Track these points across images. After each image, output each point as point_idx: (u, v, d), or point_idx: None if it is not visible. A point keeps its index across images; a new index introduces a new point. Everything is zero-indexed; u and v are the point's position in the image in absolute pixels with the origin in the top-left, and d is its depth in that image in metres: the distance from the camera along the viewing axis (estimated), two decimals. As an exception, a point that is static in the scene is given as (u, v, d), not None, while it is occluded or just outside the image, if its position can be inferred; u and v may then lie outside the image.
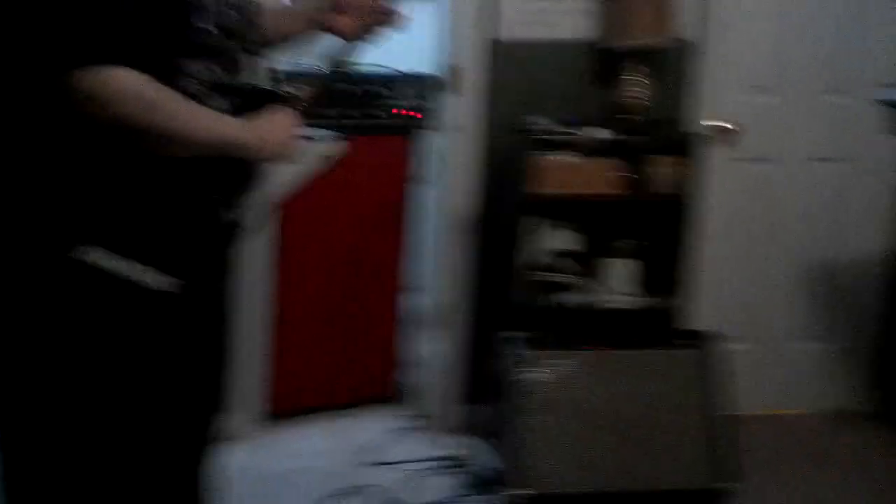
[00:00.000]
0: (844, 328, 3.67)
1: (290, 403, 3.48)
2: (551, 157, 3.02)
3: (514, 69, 3.33)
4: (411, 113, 3.56)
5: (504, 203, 3.31)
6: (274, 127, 1.63)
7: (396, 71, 3.60)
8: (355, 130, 3.48)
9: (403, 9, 1.84)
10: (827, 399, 3.68)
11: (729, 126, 3.45)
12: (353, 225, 3.53)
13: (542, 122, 3.13)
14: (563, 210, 3.11)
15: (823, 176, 3.56)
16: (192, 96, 1.53)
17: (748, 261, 3.58)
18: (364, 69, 3.55)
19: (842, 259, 3.62)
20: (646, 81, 3.19)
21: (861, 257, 3.61)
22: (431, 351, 3.56)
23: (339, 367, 3.56)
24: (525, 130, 3.12)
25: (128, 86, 1.42)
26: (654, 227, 3.14)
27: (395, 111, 3.53)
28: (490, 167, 3.38)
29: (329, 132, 1.76)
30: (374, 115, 3.51)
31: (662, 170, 3.05)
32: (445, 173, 3.49)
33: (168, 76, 1.49)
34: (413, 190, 3.63)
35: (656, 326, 3.00)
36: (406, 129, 3.59)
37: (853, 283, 3.64)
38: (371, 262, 3.57)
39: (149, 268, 1.53)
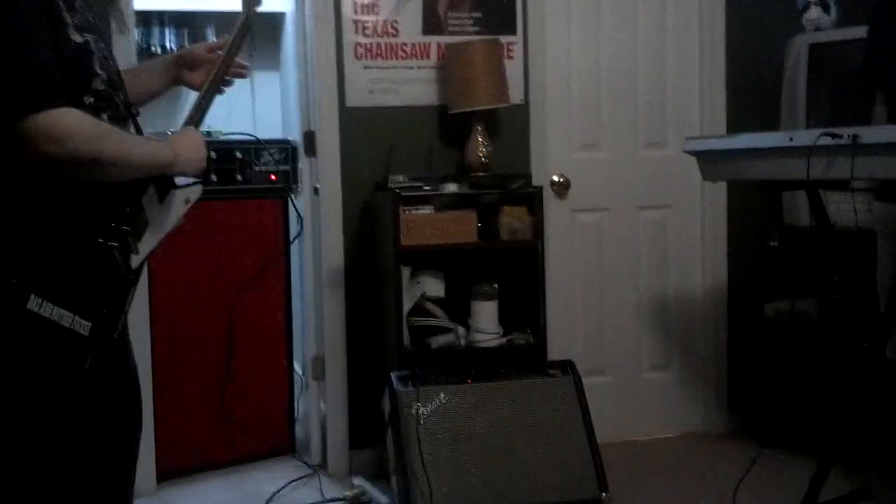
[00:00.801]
0: (688, 356, 4.03)
1: (181, 461, 3.51)
2: (410, 212, 3.28)
3: (366, 132, 3.59)
4: (274, 177, 3.75)
5: (371, 256, 3.51)
6: (187, 143, 1.81)
7: (258, 139, 3.78)
8: (225, 195, 3.63)
9: (246, 61, 2.05)
10: (679, 423, 4.00)
11: (563, 180, 3.85)
12: (230, 287, 3.64)
13: (399, 180, 3.38)
14: (428, 260, 3.35)
15: (647, 221, 3.97)
16: None
17: (590, 300, 3.90)
18: (228, 138, 3.73)
19: (670, 293, 4.02)
20: (488, 141, 3.52)
21: (687, 291, 4.03)
22: (319, 401, 3.67)
23: (228, 424, 3.62)
24: (385, 187, 3.36)
25: (77, 121, 1.54)
26: (508, 271, 3.44)
27: (265, 175, 3.72)
28: (355, 223, 3.58)
29: (186, 179, 1.96)
30: (240, 180, 3.67)
31: (510, 219, 3.36)
32: (314, 231, 3.68)
33: None
34: (286, 249, 3.80)
35: (521, 360, 3.26)
36: (272, 192, 3.76)
37: (686, 315, 4.03)
38: (251, 322, 3.67)
39: (73, 314, 1.59)
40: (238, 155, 3.71)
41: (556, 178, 3.83)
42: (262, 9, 2.12)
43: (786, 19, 3.92)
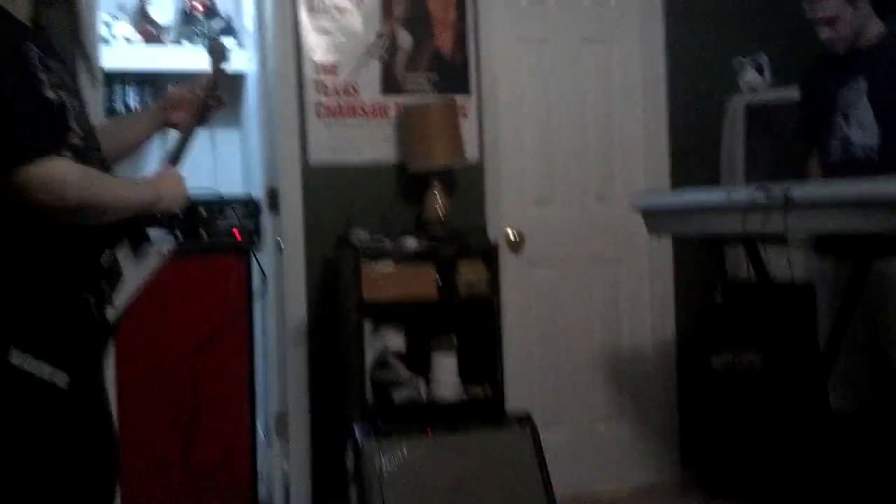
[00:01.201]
0: (640, 409, 4.16)
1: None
2: (372, 266, 3.39)
3: (328, 189, 3.72)
4: (238, 234, 3.83)
5: (334, 311, 3.62)
6: (167, 181, 1.93)
7: (222, 196, 3.87)
8: (188, 251, 3.70)
9: (224, 92, 2.17)
10: (634, 475, 4.10)
11: (517, 234, 3.99)
12: (193, 344, 3.67)
13: (360, 235, 3.51)
14: (389, 313, 3.46)
15: (599, 275, 4.13)
16: None
17: (545, 353, 4.03)
18: (192, 195, 3.80)
19: (622, 346, 4.17)
20: (445, 198, 3.66)
21: (638, 344, 4.17)
22: (283, 458, 3.71)
23: (192, 481, 3.62)
24: (347, 243, 3.48)
25: (68, 169, 1.67)
26: (466, 324, 3.57)
27: (228, 232, 3.79)
28: (318, 279, 3.69)
29: (160, 231, 2.07)
30: (204, 236, 3.75)
31: (467, 274, 3.50)
32: (276, 287, 3.77)
33: None
34: (249, 305, 3.87)
35: (480, 412, 3.36)
36: (235, 249, 3.84)
37: (638, 368, 4.17)
38: (214, 380, 3.69)
39: (52, 367, 1.69)
40: (202, 212, 3.79)
41: (510, 234, 3.98)
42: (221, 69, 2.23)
43: (724, 80, 4.15)
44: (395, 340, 3.46)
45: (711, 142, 4.12)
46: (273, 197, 3.78)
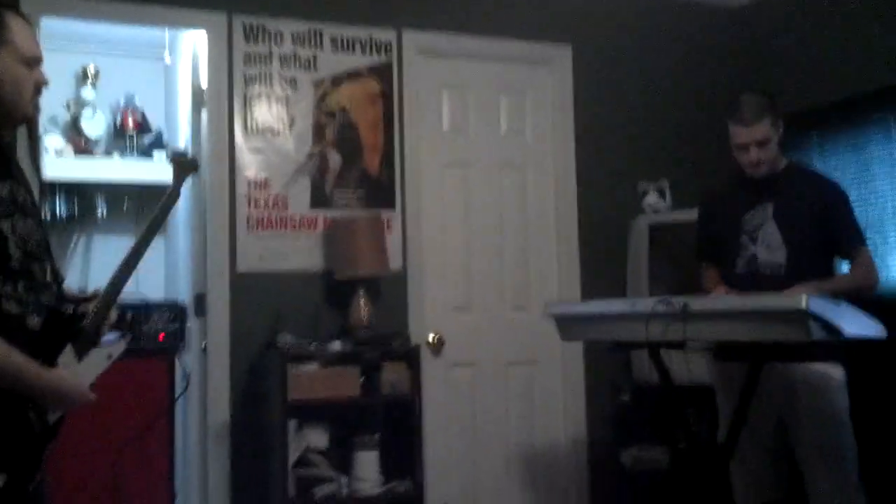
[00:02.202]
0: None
1: None
2: (298, 368, 3.51)
3: (256, 296, 3.84)
4: (162, 337, 3.91)
5: (257, 411, 3.70)
6: (67, 391, 1.91)
7: (146, 299, 3.95)
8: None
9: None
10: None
11: (438, 338, 4.18)
12: (116, 444, 3.69)
13: (287, 339, 3.63)
14: (313, 413, 3.57)
15: (514, 376, 4.34)
16: (14, 316, 1.84)
17: (464, 450, 4.17)
18: (120, 300, 3.88)
19: (537, 444, 4.33)
20: (370, 304, 3.84)
21: (552, 442, 4.34)
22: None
23: None
24: (273, 346, 3.60)
25: None
26: (389, 422, 3.69)
27: (153, 335, 3.86)
28: (242, 381, 3.78)
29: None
30: (130, 340, 3.81)
31: (390, 375, 3.65)
32: (200, 389, 3.84)
33: None
34: (173, 406, 3.91)
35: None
36: (160, 351, 3.91)
37: (552, 464, 4.32)
38: (136, 478, 3.69)
39: None
40: (129, 316, 3.87)
41: (431, 337, 4.17)
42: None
43: (629, 202, 4.49)
44: (318, 438, 3.55)
45: (618, 257, 4.42)
46: (200, 302, 3.89)
